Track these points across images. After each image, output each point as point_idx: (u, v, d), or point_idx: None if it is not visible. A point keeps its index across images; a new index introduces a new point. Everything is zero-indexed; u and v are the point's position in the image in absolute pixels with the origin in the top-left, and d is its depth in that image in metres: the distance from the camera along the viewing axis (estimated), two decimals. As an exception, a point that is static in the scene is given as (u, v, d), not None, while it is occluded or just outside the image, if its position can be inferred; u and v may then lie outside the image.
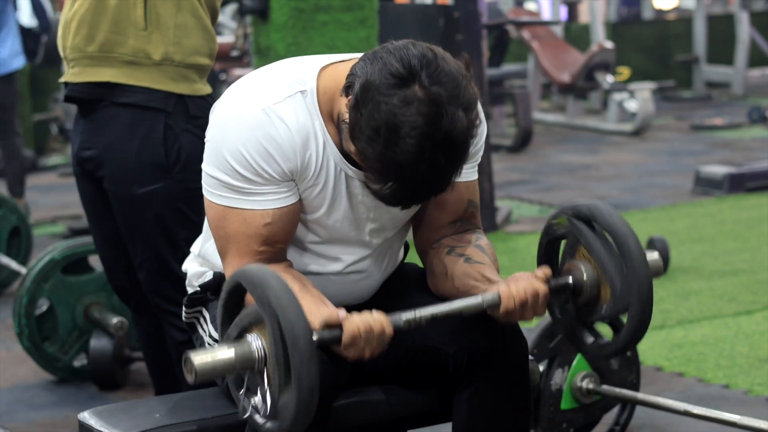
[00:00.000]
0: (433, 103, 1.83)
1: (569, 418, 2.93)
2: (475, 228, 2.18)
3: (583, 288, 2.03)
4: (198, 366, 1.79)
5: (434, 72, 1.85)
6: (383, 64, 1.86)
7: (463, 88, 1.86)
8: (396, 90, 1.83)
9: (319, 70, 2.02)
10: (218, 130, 2.01)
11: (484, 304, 1.97)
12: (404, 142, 1.82)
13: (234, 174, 1.99)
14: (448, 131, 1.83)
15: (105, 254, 2.91)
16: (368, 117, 1.84)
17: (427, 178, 1.87)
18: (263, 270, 1.82)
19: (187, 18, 2.70)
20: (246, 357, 1.81)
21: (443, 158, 1.85)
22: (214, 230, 2.06)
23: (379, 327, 1.88)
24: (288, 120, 1.98)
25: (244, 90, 2.02)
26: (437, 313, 1.94)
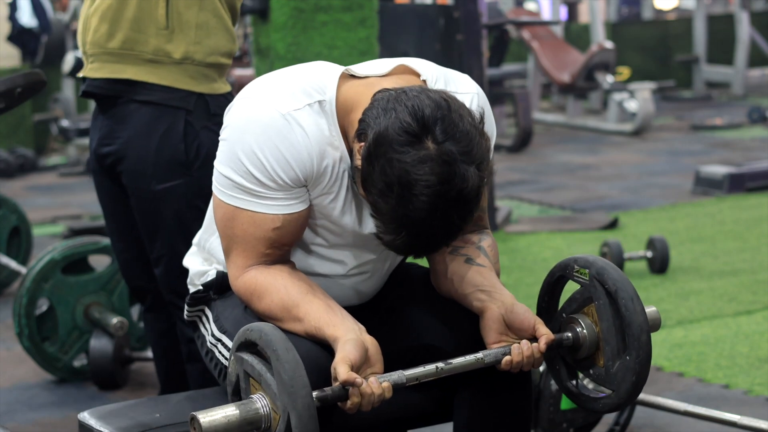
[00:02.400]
0: (446, 162, 1.83)
1: (569, 418, 2.93)
2: (481, 229, 2.18)
3: (581, 347, 2.05)
4: (204, 426, 1.80)
5: (447, 127, 1.85)
6: (396, 117, 1.85)
7: (476, 143, 1.86)
8: (409, 148, 1.83)
9: (338, 81, 2.02)
10: (235, 130, 2.00)
11: (486, 362, 1.98)
12: (417, 200, 1.83)
13: (248, 176, 1.98)
14: (461, 189, 1.84)
15: (121, 250, 2.92)
16: (381, 172, 1.84)
17: (439, 233, 1.88)
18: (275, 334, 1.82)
19: (209, 18, 2.71)
20: (252, 417, 1.83)
21: (455, 214, 1.86)
22: (221, 229, 2.06)
23: (380, 397, 1.90)
24: (307, 127, 1.97)
25: (263, 93, 2.01)
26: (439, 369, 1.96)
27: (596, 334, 2.03)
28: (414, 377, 1.93)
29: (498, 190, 6.63)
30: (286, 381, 1.78)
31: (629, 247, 5.15)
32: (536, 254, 5.31)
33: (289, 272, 2.03)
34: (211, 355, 2.17)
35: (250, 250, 2.02)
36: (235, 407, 1.83)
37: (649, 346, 1.97)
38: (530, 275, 4.84)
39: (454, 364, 1.96)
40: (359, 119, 1.92)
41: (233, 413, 1.82)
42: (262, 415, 1.83)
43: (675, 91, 11.57)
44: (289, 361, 1.79)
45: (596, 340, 2.03)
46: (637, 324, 1.96)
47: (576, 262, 2.05)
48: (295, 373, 1.78)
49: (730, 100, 11.00)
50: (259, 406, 1.83)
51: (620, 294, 1.98)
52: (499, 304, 2.02)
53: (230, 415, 1.82)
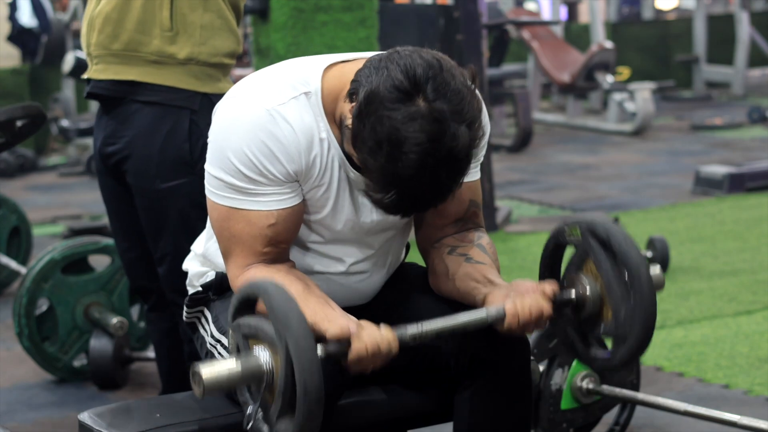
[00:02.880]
0: (436, 120, 1.83)
1: (569, 418, 2.93)
2: (477, 227, 2.18)
3: (585, 303, 2.03)
4: (206, 379, 1.80)
5: (439, 86, 1.85)
6: (388, 74, 1.86)
7: (467, 103, 1.86)
8: (399, 105, 1.83)
9: (323, 71, 2.02)
10: (222, 130, 2.01)
11: (489, 320, 1.98)
12: (406, 157, 1.83)
13: (238, 175, 1.99)
14: (451, 148, 1.84)
15: (125, 250, 2.92)
16: (371, 129, 1.84)
17: (428, 191, 1.88)
18: (271, 283, 1.83)
19: (213, 19, 2.71)
20: (254, 370, 1.82)
21: (444, 173, 1.86)
22: (218, 231, 2.06)
23: (386, 346, 1.89)
24: (292, 121, 1.98)
25: (248, 91, 2.02)
26: (442, 327, 1.95)
27: (598, 287, 2.01)
28: (417, 334, 1.92)
29: (498, 190, 6.63)
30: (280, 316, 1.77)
31: (629, 247, 5.14)
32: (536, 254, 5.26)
33: (287, 270, 2.03)
34: (210, 356, 2.17)
35: (248, 250, 2.02)
36: (237, 360, 1.83)
37: (650, 281, 1.95)
38: (530, 275, 4.80)
39: (458, 321, 1.95)
40: (351, 80, 1.92)
41: (234, 366, 1.82)
42: (263, 365, 1.82)
43: (675, 91, 11.56)
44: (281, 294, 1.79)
45: (599, 294, 2.01)
46: (634, 260, 1.95)
47: (566, 224, 2.06)
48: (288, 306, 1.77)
49: (730, 100, 11.00)
50: (263, 361, 1.82)
51: (612, 239, 1.97)
52: (501, 287, 2.03)
53: (232, 368, 1.81)
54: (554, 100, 11.02)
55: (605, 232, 1.99)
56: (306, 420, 1.76)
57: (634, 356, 2.02)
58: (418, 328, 1.93)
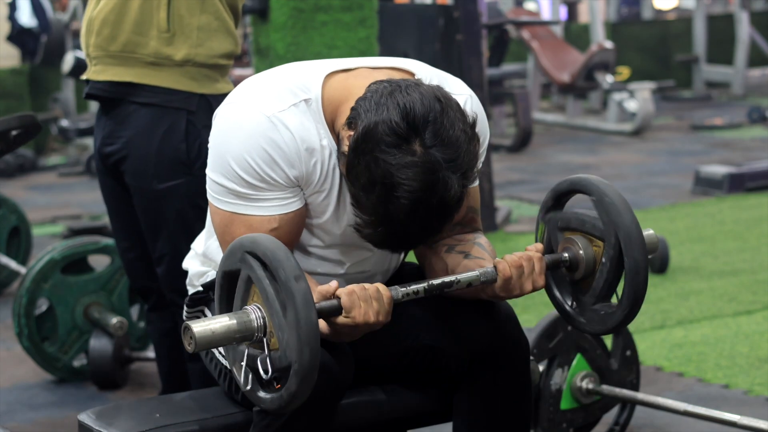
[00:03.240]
0: (430, 170, 1.83)
1: (569, 418, 2.93)
2: (474, 230, 2.18)
3: (578, 260, 2.04)
4: (198, 335, 1.79)
5: (438, 132, 1.84)
6: (387, 114, 1.84)
7: (463, 151, 1.86)
8: (395, 150, 1.83)
9: (324, 79, 2.02)
10: (222, 136, 2.01)
11: (481, 278, 1.97)
12: (398, 202, 1.84)
13: (239, 181, 1.99)
14: (442, 197, 1.85)
15: (125, 249, 2.92)
16: (365, 168, 1.84)
17: (417, 234, 1.89)
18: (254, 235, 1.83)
19: (211, 20, 2.71)
20: (245, 326, 1.81)
21: (434, 220, 1.87)
22: (220, 235, 2.06)
23: (372, 287, 1.89)
24: (293, 128, 1.98)
25: (248, 96, 2.02)
26: (433, 283, 1.95)
27: (593, 261, 2.02)
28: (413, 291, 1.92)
29: (498, 190, 6.62)
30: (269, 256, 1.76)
31: (629, 247, 5.14)
32: (536, 254, 5.30)
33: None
34: (211, 356, 2.17)
35: None
36: (231, 317, 1.82)
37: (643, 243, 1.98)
38: (530, 275, 4.83)
39: (449, 278, 1.96)
40: (351, 107, 1.92)
41: (228, 322, 1.81)
42: (256, 325, 1.81)
43: (675, 91, 11.56)
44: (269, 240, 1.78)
45: (593, 266, 2.02)
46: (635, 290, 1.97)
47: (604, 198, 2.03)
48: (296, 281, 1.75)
49: (730, 100, 11.00)
50: (254, 318, 1.81)
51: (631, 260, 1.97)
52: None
53: (225, 325, 1.80)
54: (554, 100, 11.01)
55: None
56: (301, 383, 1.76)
57: (631, 312, 2.01)
58: (408, 285, 1.93)
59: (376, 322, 1.88)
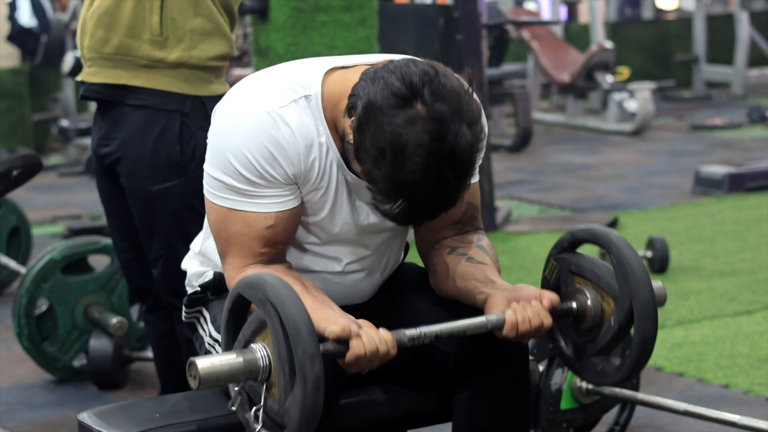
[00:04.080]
0: (436, 120, 1.82)
1: (569, 418, 2.93)
2: (476, 229, 2.18)
3: (586, 312, 2.03)
4: (202, 372, 1.78)
5: (436, 89, 1.84)
6: (384, 83, 1.85)
7: (465, 103, 1.86)
8: (398, 110, 1.83)
9: (324, 75, 2.02)
10: (222, 132, 2.01)
11: (488, 326, 1.97)
12: (411, 161, 1.82)
13: (237, 176, 1.99)
14: (454, 147, 1.83)
15: (122, 250, 2.92)
16: (372, 138, 1.84)
17: (436, 195, 1.86)
18: (261, 274, 1.82)
19: (204, 23, 2.71)
20: (251, 365, 1.81)
21: (451, 174, 1.85)
22: (215, 231, 2.06)
23: (384, 349, 1.88)
24: (292, 124, 1.98)
25: (248, 92, 2.02)
26: (441, 331, 1.94)
27: (601, 313, 2.02)
28: (416, 336, 1.91)
29: (498, 190, 6.63)
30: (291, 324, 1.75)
31: (629, 247, 5.14)
32: (536, 254, 5.31)
33: (284, 271, 2.03)
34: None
35: (246, 250, 2.02)
36: (235, 354, 1.81)
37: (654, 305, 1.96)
38: (530, 275, 4.83)
39: (457, 326, 1.95)
40: (349, 95, 1.92)
41: (233, 360, 1.80)
42: (261, 364, 1.81)
43: (675, 91, 11.56)
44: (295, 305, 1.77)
45: (600, 318, 2.02)
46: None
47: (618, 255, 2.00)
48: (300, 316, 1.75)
49: (730, 100, 11.00)
50: (260, 356, 1.81)
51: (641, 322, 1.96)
52: (503, 291, 2.02)
53: (230, 363, 1.80)
54: (554, 100, 11.02)
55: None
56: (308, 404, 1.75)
57: (629, 377, 2.03)
58: (417, 332, 1.92)
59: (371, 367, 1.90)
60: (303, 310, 1.77)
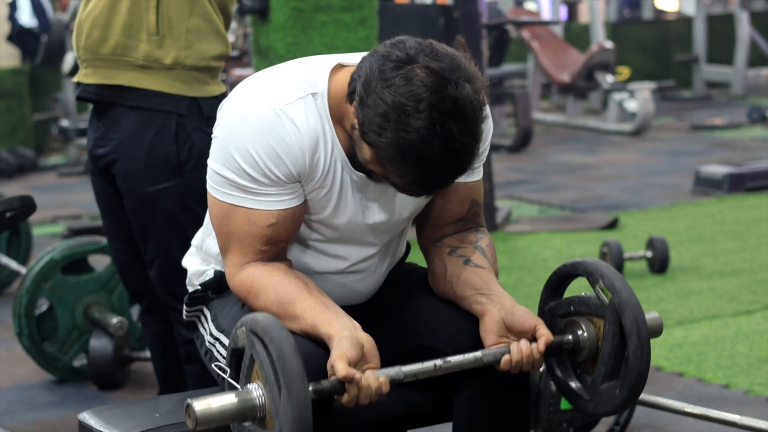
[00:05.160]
0: (434, 73, 1.83)
1: (569, 418, 2.93)
2: (478, 226, 2.18)
3: (582, 348, 2.04)
4: (199, 413, 1.78)
5: (432, 52, 1.86)
6: (380, 56, 1.87)
7: (463, 63, 1.87)
8: (396, 72, 1.84)
9: (330, 72, 2.02)
10: (227, 128, 2.01)
11: (484, 360, 1.98)
12: (414, 119, 1.82)
13: (241, 173, 1.99)
14: (455, 99, 1.83)
15: (118, 251, 2.92)
16: (374, 106, 1.84)
17: (446, 154, 1.85)
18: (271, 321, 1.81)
19: (200, 22, 2.71)
20: (247, 406, 1.81)
21: (456, 129, 1.83)
22: (217, 227, 2.06)
23: (377, 394, 1.89)
24: (298, 122, 1.98)
25: (255, 89, 2.02)
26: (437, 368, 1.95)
27: (597, 343, 2.02)
28: (411, 374, 1.93)
29: (498, 190, 6.63)
30: (283, 369, 1.76)
31: (629, 247, 5.15)
32: (536, 254, 5.31)
33: (285, 270, 2.03)
34: (210, 355, 2.16)
35: (246, 247, 2.02)
36: (232, 395, 1.81)
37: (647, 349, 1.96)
38: (530, 275, 4.83)
39: (453, 362, 1.96)
40: (348, 83, 1.93)
41: (229, 401, 1.80)
42: (257, 404, 1.81)
43: (675, 91, 11.57)
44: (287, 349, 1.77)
45: (596, 349, 2.03)
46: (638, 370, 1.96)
47: (603, 278, 2.01)
48: (293, 362, 1.76)
49: (730, 100, 11.01)
50: (255, 396, 1.81)
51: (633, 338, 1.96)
52: (498, 307, 2.02)
53: (225, 404, 1.80)
54: (554, 100, 11.02)
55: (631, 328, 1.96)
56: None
57: (619, 410, 2.04)
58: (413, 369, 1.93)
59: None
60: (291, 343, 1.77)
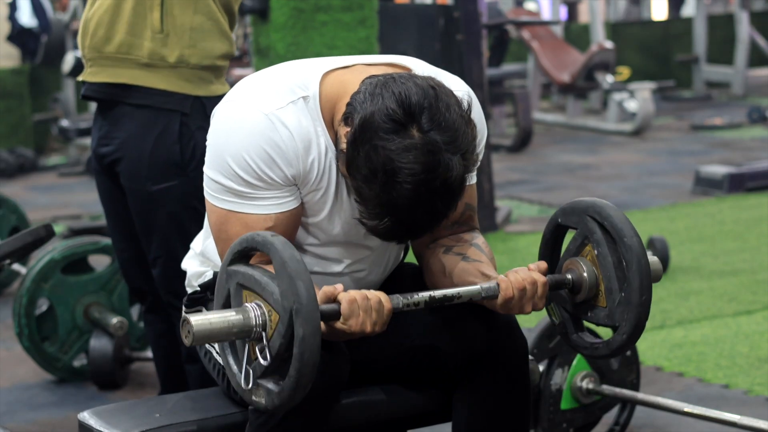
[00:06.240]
0: (430, 152, 1.84)
1: (569, 418, 2.93)
2: (472, 228, 2.18)
3: (582, 287, 2.04)
4: (196, 328, 1.79)
5: (433, 116, 1.85)
6: (383, 103, 1.86)
7: (461, 133, 1.87)
8: (394, 136, 1.84)
9: (322, 76, 2.02)
10: (220, 134, 2.01)
11: (483, 293, 1.98)
12: (401, 187, 1.84)
13: (237, 179, 1.99)
14: (445, 179, 1.85)
15: (121, 250, 2.92)
16: (366, 158, 1.85)
17: (423, 220, 1.89)
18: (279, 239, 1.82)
19: (204, 21, 2.71)
20: (244, 322, 1.82)
21: (439, 203, 1.87)
22: (216, 233, 2.06)
23: (375, 297, 1.89)
24: (291, 125, 1.98)
25: (247, 94, 2.02)
26: (434, 295, 1.95)
27: (595, 272, 2.02)
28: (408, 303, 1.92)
29: (498, 190, 6.63)
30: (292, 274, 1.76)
31: (629, 247, 5.14)
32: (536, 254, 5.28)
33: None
34: (209, 356, 2.17)
35: None
36: (230, 312, 1.83)
37: (648, 273, 1.96)
38: (530, 275, 4.83)
39: (449, 292, 1.96)
40: (347, 103, 1.93)
41: (227, 317, 1.82)
42: (256, 321, 1.82)
43: (675, 91, 11.56)
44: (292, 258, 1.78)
45: (596, 280, 2.02)
46: (635, 250, 1.96)
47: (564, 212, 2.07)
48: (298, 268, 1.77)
49: (730, 100, 11.00)
50: (253, 315, 1.82)
51: (613, 224, 1.98)
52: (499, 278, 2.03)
53: (223, 319, 1.81)
54: (554, 100, 11.02)
55: (606, 216, 2.00)
56: (298, 386, 1.77)
57: (623, 348, 2.03)
58: (410, 295, 1.93)
59: (372, 332, 1.89)
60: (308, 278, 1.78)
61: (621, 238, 1.98)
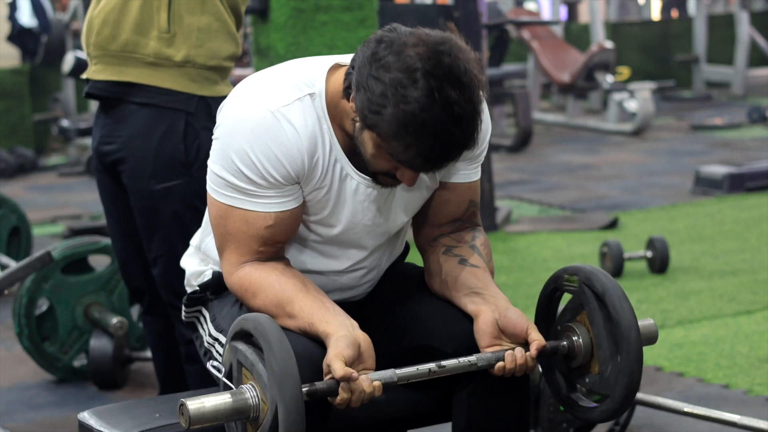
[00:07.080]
0: (427, 44, 1.85)
1: (569, 418, 2.93)
2: (474, 226, 2.18)
3: (576, 354, 2.05)
4: (192, 413, 1.80)
5: (422, 32, 1.88)
6: (371, 42, 1.89)
7: (454, 39, 1.89)
8: (387, 51, 1.86)
9: (328, 72, 2.02)
10: (226, 130, 2.01)
11: (478, 364, 1.99)
12: (411, 90, 1.82)
13: (240, 175, 1.99)
14: (450, 66, 1.84)
15: (121, 250, 2.92)
16: (371, 88, 1.85)
17: (448, 120, 1.85)
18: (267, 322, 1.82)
19: (211, 21, 2.71)
20: (240, 406, 1.83)
21: (454, 94, 1.84)
22: (215, 227, 2.06)
23: (369, 397, 1.90)
24: (296, 123, 1.98)
25: (253, 91, 2.02)
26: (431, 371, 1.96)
27: (590, 340, 2.03)
28: (405, 377, 1.93)
29: (498, 190, 6.63)
30: (276, 372, 1.77)
31: (629, 247, 5.15)
32: (536, 254, 5.31)
33: (282, 269, 2.03)
34: (209, 355, 2.17)
35: (244, 248, 2.03)
36: (226, 395, 1.83)
37: (639, 344, 1.96)
38: (530, 275, 4.84)
39: (447, 366, 1.96)
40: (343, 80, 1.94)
41: (222, 401, 1.82)
42: (251, 404, 1.83)
43: (675, 91, 11.57)
44: (281, 351, 1.79)
45: (590, 347, 2.03)
46: (626, 321, 1.95)
47: (566, 271, 2.06)
48: (286, 364, 1.78)
49: (730, 100, 11.01)
50: (249, 396, 1.83)
51: (608, 295, 1.98)
52: (493, 308, 2.03)
53: (219, 403, 1.82)
54: (554, 100, 11.02)
55: (602, 287, 1.99)
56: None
57: (614, 415, 2.03)
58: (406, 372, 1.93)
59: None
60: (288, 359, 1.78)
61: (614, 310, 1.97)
